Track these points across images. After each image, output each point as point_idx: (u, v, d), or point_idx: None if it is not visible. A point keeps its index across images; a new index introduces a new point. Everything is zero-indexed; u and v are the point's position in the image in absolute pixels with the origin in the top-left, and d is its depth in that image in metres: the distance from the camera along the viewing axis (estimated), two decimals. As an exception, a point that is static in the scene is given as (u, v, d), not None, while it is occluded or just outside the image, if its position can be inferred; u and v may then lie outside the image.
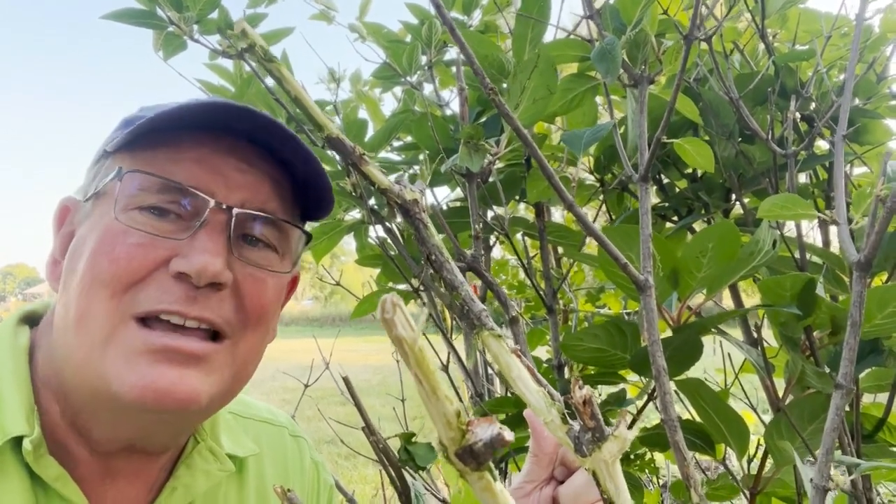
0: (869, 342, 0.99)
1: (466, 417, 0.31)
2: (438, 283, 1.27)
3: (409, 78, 1.35)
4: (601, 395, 1.33)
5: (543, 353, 1.55)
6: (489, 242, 1.58)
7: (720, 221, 1.03)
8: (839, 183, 0.91)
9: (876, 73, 1.23)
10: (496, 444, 0.31)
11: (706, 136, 1.26)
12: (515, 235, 1.44)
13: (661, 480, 1.81)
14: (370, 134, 1.33)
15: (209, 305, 0.60)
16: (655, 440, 1.18)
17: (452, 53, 1.39)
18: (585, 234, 1.24)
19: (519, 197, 1.41)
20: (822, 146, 1.32)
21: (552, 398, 0.38)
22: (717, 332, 1.06)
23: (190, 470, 0.69)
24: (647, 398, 1.15)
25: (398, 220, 1.30)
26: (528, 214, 1.63)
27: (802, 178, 1.34)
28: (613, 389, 1.25)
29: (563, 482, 0.73)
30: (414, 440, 0.98)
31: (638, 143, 0.94)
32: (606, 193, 1.40)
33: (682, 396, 1.09)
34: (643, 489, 1.35)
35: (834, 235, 1.25)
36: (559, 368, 1.34)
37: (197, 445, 0.71)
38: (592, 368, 1.27)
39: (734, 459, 1.20)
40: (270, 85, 1.23)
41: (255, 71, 1.22)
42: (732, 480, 1.18)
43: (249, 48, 0.45)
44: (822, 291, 0.98)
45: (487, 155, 1.10)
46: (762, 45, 1.29)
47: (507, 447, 0.31)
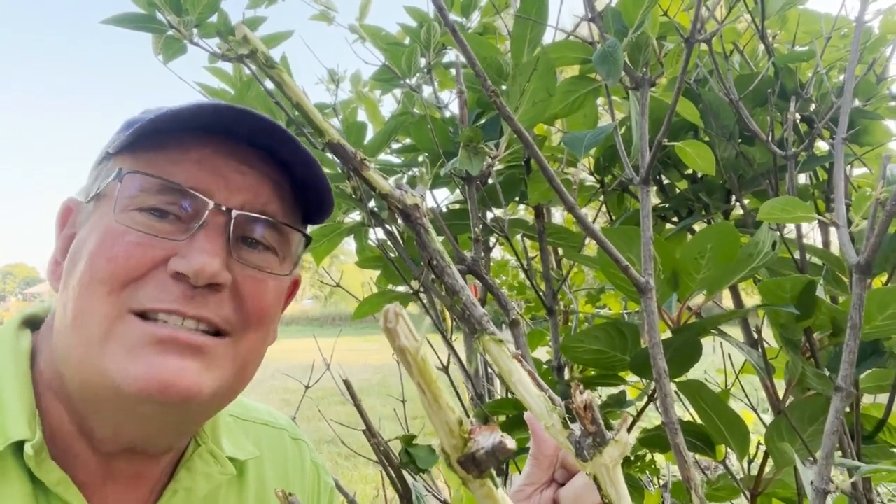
0: (869, 343, 0.99)
1: (468, 426, 0.31)
2: (439, 285, 1.27)
3: (408, 80, 1.35)
4: (601, 396, 1.33)
5: (544, 353, 1.55)
6: (489, 244, 1.58)
7: (720, 222, 1.03)
8: (839, 185, 0.91)
9: (876, 74, 1.23)
10: (498, 452, 0.31)
11: (706, 137, 1.26)
12: (515, 237, 1.44)
13: (661, 481, 1.81)
14: (370, 136, 1.33)
15: (207, 305, 0.60)
16: (656, 441, 1.18)
17: (451, 56, 1.38)
18: (586, 235, 1.24)
19: (519, 198, 1.41)
20: (822, 147, 1.32)
21: (553, 403, 0.38)
22: (717, 333, 1.06)
23: (191, 473, 0.69)
24: (647, 399, 1.15)
25: (398, 222, 1.30)
26: (527, 216, 1.63)
27: (802, 179, 1.34)
28: (614, 391, 1.25)
29: (563, 485, 0.73)
30: (415, 442, 0.98)
31: (639, 145, 0.94)
32: (607, 194, 1.40)
33: (682, 397, 1.09)
34: (643, 490, 1.35)
35: (834, 236, 1.26)
36: (559, 370, 1.34)
37: (198, 448, 0.71)
38: (593, 370, 1.27)
39: (734, 460, 1.20)
40: (270, 88, 1.23)
41: (254, 74, 1.22)
42: (733, 481, 1.19)
43: (251, 54, 0.45)
44: (822, 293, 0.98)
45: (487, 157, 1.10)
46: (762, 46, 1.29)
47: (508, 455, 0.31)
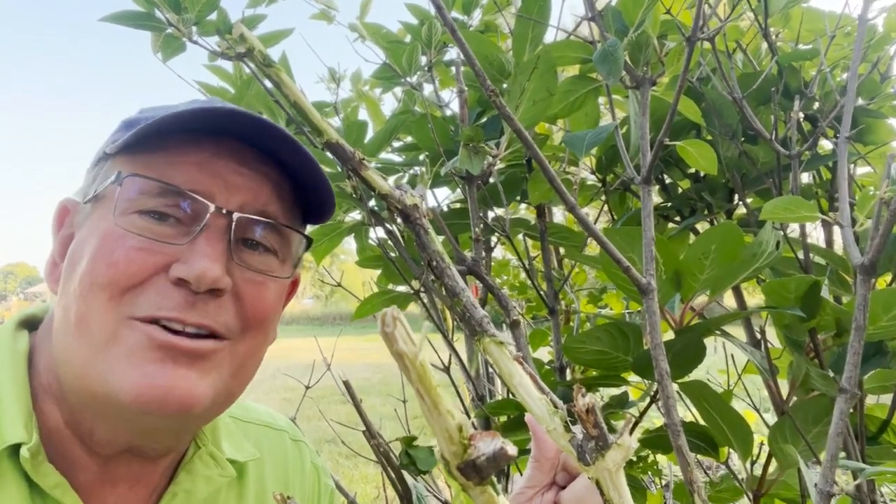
0: (874, 344, 0.98)
1: (469, 431, 0.30)
2: (439, 285, 1.26)
3: (408, 79, 1.34)
4: (603, 397, 1.32)
5: (545, 354, 1.54)
6: (490, 243, 1.57)
7: (723, 222, 1.03)
8: (843, 184, 0.90)
9: (880, 72, 1.22)
10: (499, 458, 0.30)
11: (709, 136, 1.26)
12: (516, 236, 1.43)
13: (663, 482, 1.81)
14: (370, 135, 1.32)
15: (208, 311, 0.59)
16: (658, 442, 1.17)
17: (452, 54, 1.38)
18: (587, 235, 1.23)
19: (520, 198, 1.41)
20: (825, 146, 1.31)
21: (555, 406, 0.37)
22: (720, 333, 1.06)
23: (191, 475, 0.69)
24: (649, 400, 1.15)
25: (398, 221, 1.30)
26: (529, 215, 1.63)
27: (806, 178, 1.33)
28: (616, 392, 1.24)
29: (564, 487, 0.72)
30: (415, 443, 0.97)
31: (640, 144, 0.94)
32: (608, 194, 1.39)
33: (684, 398, 1.08)
34: (646, 491, 1.34)
35: (838, 236, 1.25)
36: (561, 370, 1.34)
37: (198, 450, 0.70)
38: (594, 370, 1.26)
39: (737, 461, 1.19)
40: (270, 87, 1.22)
41: (254, 72, 1.21)
42: (736, 482, 1.18)
43: (248, 53, 0.44)
44: (826, 293, 0.97)
45: (488, 156, 1.09)
46: (765, 44, 1.28)
47: (510, 461, 0.30)
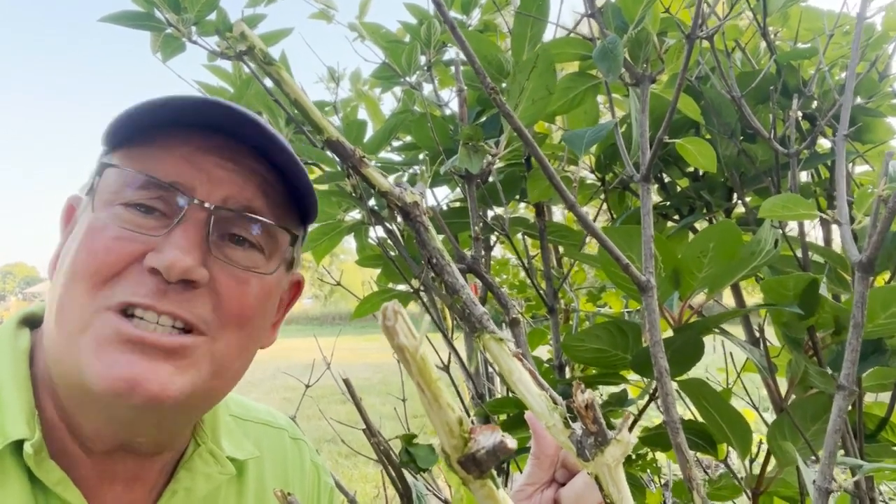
0: (872, 342, 0.98)
1: (469, 425, 0.31)
2: (439, 284, 1.26)
3: (408, 78, 1.35)
4: (602, 395, 1.33)
5: (545, 352, 1.54)
6: (489, 242, 1.57)
7: (721, 221, 1.03)
8: (841, 183, 0.91)
9: (878, 71, 1.22)
10: (499, 451, 0.31)
11: (708, 134, 1.26)
12: (516, 235, 1.44)
13: (662, 480, 1.81)
14: (370, 134, 1.32)
15: (180, 302, 0.59)
16: (657, 440, 1.17)
17: (451, 53, 1.38)
18: (586, 233, 1.23)
19: (519, 196, 1.41)
20: (824, 145, 1.32)
21: (554, 402, 0.37)
22: (718, 331, 1.06)
23: (190, 473, 0.69)
24: (648, 398, 1.15)
25: (398, 220, 1.30)
26: (528, 214, 1.63)
27: (804, 176, 1.34)
28: (615, 390, 1.24)
29: (564, 484, 0.73)
30: (415, 441, 0.98)
31: (640, 143, 0.94)
32: (608, 192, 1.40)
33: (683, 396, 1.08)
34: (645, 489, 1.34)
35: (836, 234, 1.25)
36: (560, 369, 1.34)
37: (198, 448, 0.70)
38: (594, 369, 1.27)
39: (736, 459, 1.20)
40: (269, 86, 1.23)
41: (253, 72, 1.21)
42: (734, 480, 1.18)
43: (248, 51, 0.44)
44: (824, 291, 0.98)
45: (487, 155, 1.09)
46: (764, 43, 1.29)
47: (509, 455, 0.31)
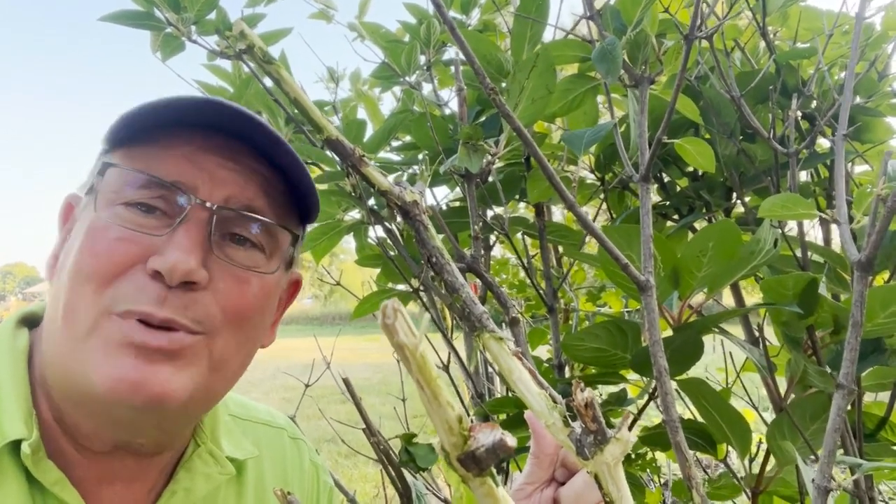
0: (871, 341, 0.98)
1: (468, 423, 0.31)
2: (438, 283, 1.26)
3: (407, 78, 1.35)
4: (602, 394, 1.33)
5: (544, 352, 1.55)
6: (489, 242, 1.57)
7: (721, 220, 1.03)
8: (840, 182, 0.91)
9: (877, 71, 1.22)
10: (498, 449, 0.31)
11: (707, 134, 1.26)
12: (515, 235, 1.44)
13: (662, 479, 1.81)
14: (369, 133, 1.32)
15: (178, 307, 0.59)
16: (657, 440, 1.18)
17: (451, 53, 1.38)
18: (586, 233, 1.23)
19: (519, 196, 1.41)
20: (823, 144, 1.32)
21: (554, 401, 0.37)
22: (718, 331, 1.06)
23: (190, 473, 0.69)
24: (648, 398, 1.15)
25: (398, 220, 1.30)
26: (528, 214, 1.63)
27: (804, 176, 1.34)
28: (614, 389, 1.24)
29: (564, 483, 0.73)
30: (415, 441, 0.98)
31: (639, 142, 0.94)
32: (607, 192, 1.40)
33: (683, 395, 1.08)
34: (644, 488, 1.35)
35: (835, 233, 1.25)
36: (560, 368, 1.34)
37: (197, 448, 0.70)
38: (593, 368, 1.27)
39: (735, 458, 1.20)
40: (269, 85, 1.23)
41: (253, 71, 1.22)
42: (734, 479, 1.18)
43: (248, 49, 0.44)
44: (824, 290, 0.98)
45: (486, 155, 1.09)
46: (763, 43, 1.29)
47: (509, 453, 0.31)
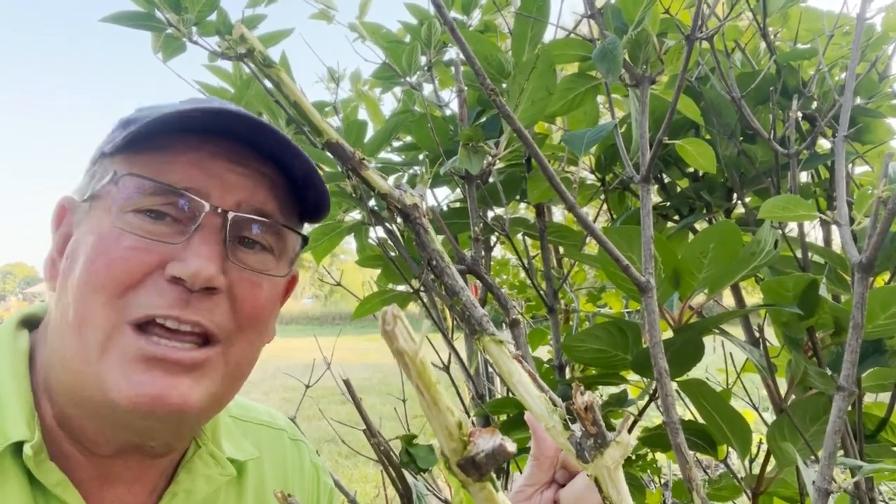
0: (872, 342, 0.98)
1: (468, 428, 0.31)
2: (439, 284, 1.26)
3: (408, 78, 1.35)
4: (602, 395, 1.33)
5: (545, 353, 1.55)
6: (489, 243, 1.57)
7: (721, 221, 1.03)
8: (840, 183, 0.91)
9: (878, 72, 1.22)
10: (498, 455, 0.31)
11: (708, 135, 1.26)
12: (516, 236, 1.44)
13: (662, 480, 1.81)
14: (370, 134, 1.32)
15: (202, 310, 0.60)
16: (657, 441, 1.18)
17: (452, 54, 1.38)
18: (586, 234, 1.23)
19: (519, 197, 1.41)
20: (823, 145, 1.32)
21: (554, 404, 0.37)
22: (718, 332, 1.06)
23: (191, 475, 0.69)
24: (648, 399, 1.15)
25: (398, 221, 1.30)
26: (528, 214, 1.63)
27: (804, 177, 1.34)
28: (615, 390, 1.24)
29: (564, 485, 0.73)
30: (415, 442, 0.98)
31: (639, 143, 0.94)
32: (608, 193, 1.40)
33: (683, 396, 1.08)
34: (645, 489, 1.34)
35: (836, 235, 1.25)
36: (560, 369, 1.34)
37: (198, 450, 0.70)
38: (594, 369, 1.27)
39: (736, 459, 1.20)
40: (270, 87, 1.23)
41: (254, 72, 1.22)
42: (734, 480, 1.18)
43: (248, 53, 0.44)
44: (824, 292, 0.98)
45: (487, 156, 1.09)
46: (764, 44, 1.29)
47: (508, 458, 0.31)
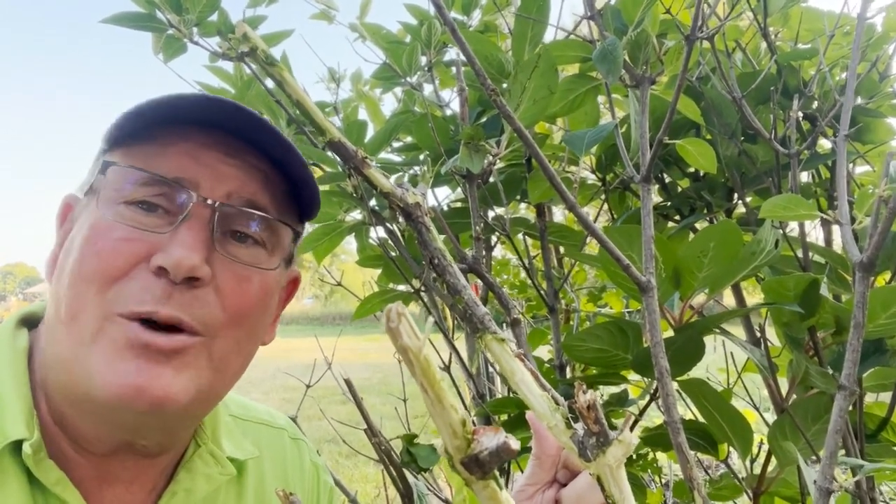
0: (873, 342, 0.98)
1: (472, 426, 0.31)
2: (440, 284, 1.26)
3: (408, 78, 1.35)
4: (603, 395, 1.33)
5: (545, 352, 1.55)
6: (490, 242, 1.57)
7: (722, 221, 1.03)
8: (841, 183, 0.91)
9: (878, 71, 1.22)
10: (502, 453, 0.31)
11: (708, 135, 1.26)
12: (517, 235, 1.44)
13: (663, 480, 1.81)
14: (370, 134, 1.32)
15: (183, 304, 0.59)
16: (658, 440, 1.18)
17: (452, 54, 1.38)
18: (587, 233, 1.23)
19: (520, 197, 1.41)
20: (824, 145, 1.32)
21: (556, 403, 0.37)
22: (719, 331, 1.06)
23: (190, 474, 0.69)
24: (649, 398, 1.15)
25: (399, 221, 1.30)
26: (529, 214, 1.63)
27: (805, 177, 1.34)
28: (615, 390, 1.24)
29: (565, 485, 0.73)
30: (416, 441, 0.98)
31: (640, 143, 0.94)
32: (608, 193, 1.40)
33: (684, 396, 1.08)
34: (646, 489, 1.35)
35: (837, 234, 1.25)
36: (561, 368, 1.34)
37: (198, 449, 0.70)
38: (594, 369, 1.27)
39: (737, 459, 1.20)
40: (271, 87, 1.23)
41: (255, 73, 1.22)
42: (735, 480, 1.18)
43: (251, 52, 0.44)
44: (825, 291, 0.98)
45: (488, 156, 1.09)
46: (764, 43, 1.29)
47: (512, 456, 0.31)
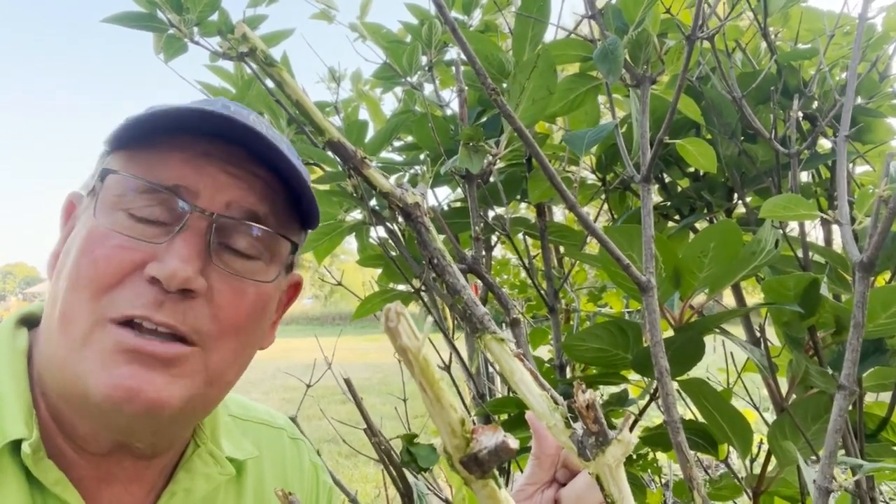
0: (873, 342, 0.98)
1: (471, 425, 0.31)
2: (440, 284, 1.26)
3: (409, 78, 1.35)
4: (603, 395, 1.33)
5: (545, 352, 1.55)
6: (490, 242, 1.57)
7: (722, 221, 1.03)
8: (841, 183, 0.91)
9: (879, 71, 1.22)
10: (501, 452, 0.31)
11: (709, 134, 1.26)
12: (517, 235, 1.44)
13: (663, 480, 1.81)
14: (371, 134, 1.32)
15: (176, 312, 0.59)
16: (658, 440, 1.18)
17: (452, 54, 1.38)
18: (587, 233, 1.23)
19: (520, 197, 1.41)
20: (824, 145, 1.32)
21: (555, 402, 0.37)
22: (719, 331, 1.06)
23: (190, 474, 0.69)
24: (649, 398, 1.15)
25: (399, 220, 1.30)
26: (529, 214, 1.63)
27: (805, 177, 1.34)
28: (615, 389, 1.24)
29: (565, 484, 0.73)
30: (416, 441, 0.98)
31: (640, 143, 0.94)
32: (608, 193, 1.40)
33: (684, 396, 1.08)
34: (645, 489, 1.35)
35: (837, 234, 1.25)
36: (561, 368, 1.34)
37: (197, 449, 0.70)
38: (594, 368, 1.27)
39: (736, 459, 1.20)
40: (271, 87, 1.23)
41: (255, 73, 1.22)
42: (735, 480, 1.18)
43: (250, 52, 0.44)
44: (825, 291, 0.98)
45: (488, 155, 1.09)
46: (764, 43, 1.29)
47: (511, 455, 0.31)
